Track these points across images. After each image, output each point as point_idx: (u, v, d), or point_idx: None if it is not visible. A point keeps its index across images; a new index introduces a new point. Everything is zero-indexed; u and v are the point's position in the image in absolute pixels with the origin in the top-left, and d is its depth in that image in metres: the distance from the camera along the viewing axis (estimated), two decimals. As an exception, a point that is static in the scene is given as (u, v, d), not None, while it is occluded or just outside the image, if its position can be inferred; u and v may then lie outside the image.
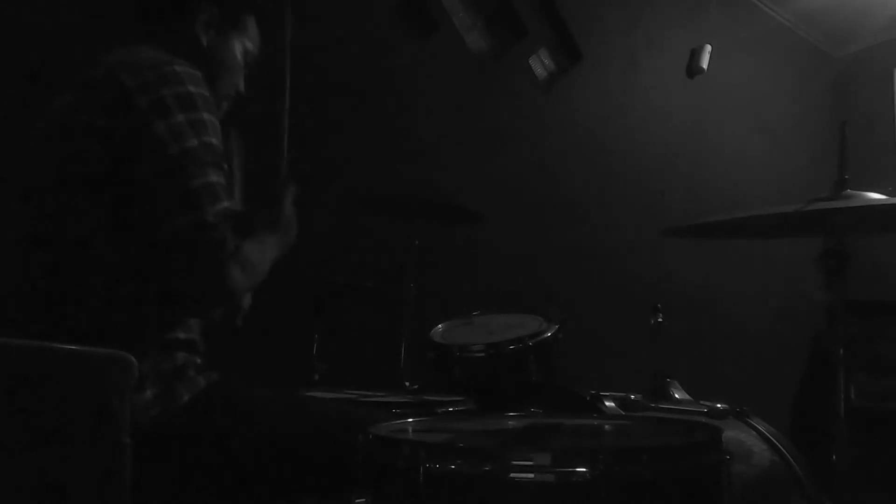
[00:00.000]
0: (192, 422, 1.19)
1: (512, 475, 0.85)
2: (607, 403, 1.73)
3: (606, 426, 1.30)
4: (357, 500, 0.96)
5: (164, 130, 1.15)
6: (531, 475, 0.85)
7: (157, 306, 1.22)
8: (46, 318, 1.17)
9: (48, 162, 1.23)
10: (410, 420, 1.20)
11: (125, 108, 1.16)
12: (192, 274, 1.16)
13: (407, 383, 1.92)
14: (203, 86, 1.23)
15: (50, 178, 1.22)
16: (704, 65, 3.80)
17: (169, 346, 1.23)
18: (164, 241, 1.14)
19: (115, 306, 1.18)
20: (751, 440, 1.61)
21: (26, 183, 1.26)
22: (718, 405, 1.76)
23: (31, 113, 1.32)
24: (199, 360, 1.28)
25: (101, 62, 1.24)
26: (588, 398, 1.74)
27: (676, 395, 1.90)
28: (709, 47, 3.81)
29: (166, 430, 1.17)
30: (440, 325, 2.12)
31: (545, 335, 1.92)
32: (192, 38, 1.37)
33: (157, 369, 1.18)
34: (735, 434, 1.60)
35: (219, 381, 1.28)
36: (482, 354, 1.93)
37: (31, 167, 1.27)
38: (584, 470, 0.84)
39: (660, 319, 1.99)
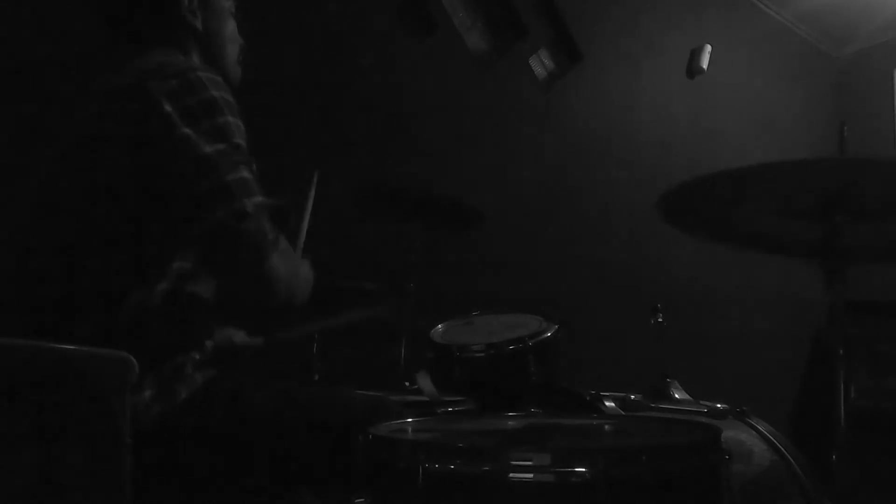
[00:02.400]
0: (189, 419, 1.20)
1: (511, 475, 0.85)
2: (607, 403, 1.73)
3: (606, 426, 1.30)
4: (357, 500, 0.96)
5: (195, 136, 1.17)
6: (531, 475, 0.85)
7: (164, 308, 1.22)
8: (48, 319, 1.17)
9: (75, 170, 1.24)
10: (410, 420, 1.20)
11: (154, 117, 1.17)
12: (234, 263, 1.19)
13: (407, 383, 1.92)
14: (225, 89, 1.24)
15: (76, 185, 1.22)
16: (704, 65, 3.80)
17: (171, 346, 1.23)
18: (204, 236, 1.17)
19: (117, 308, 1.18)
20: (751, 440, 1.61)
21: (47, 188, 1.26)
22: (718, 405, 1.76)
23: (53, 122, 1.32)
24: (197, 357, 1.28)
25: (125, 70, 1.24)
26: (588, 398, 1.75)
27: (676, 395, 1.90)
28: (709, 47, 3.81)
29: (164, 429, 1.17)
30: (440, 325, 2.12)
31: (545, 335, 1.92)
32: (188, 26, 1.37)
33: (155, 369, 1.19)
34: (735, 434, 1.60)
35: (216, 377, 1.28)
36: (482, 354, 1.92)
37: (54, 174, 1.27)
38: (584, 470, 0.84)
39: (660, 319, 1.99)
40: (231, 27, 1.45)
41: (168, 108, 1.17)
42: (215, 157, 1.17)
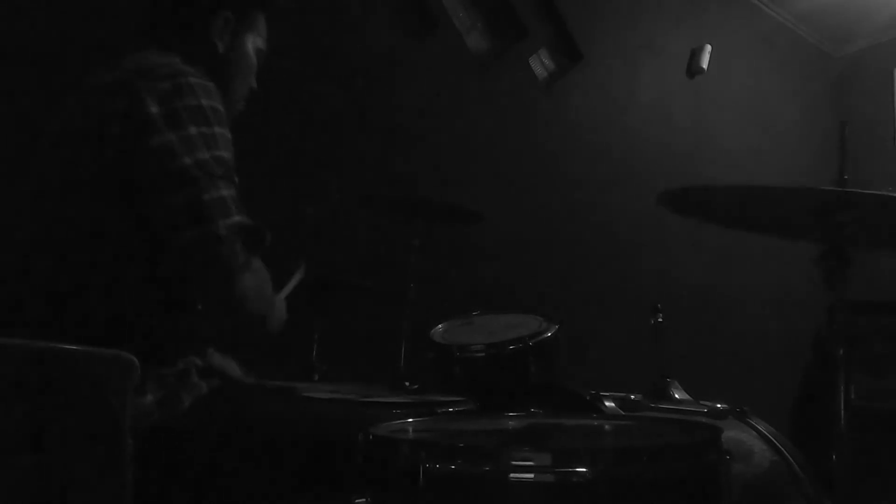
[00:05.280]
0: (192, 426, 1.20)
1: (512, 475, 0.85)
2: (607, 403, 1.73)
3: (606, 426, 1.30)
4: (357, 500, 0.96)
5: (177, 142, 1.15)
6: (531, 475, 0.85)
7: (162, 310, 1.22)
8: (51, 320, 1.17)
9: (61, 165, 1.23)
10: (410, 420, 1.20)
11: (139, 116, 1.16)
12: (203, 284, 1.19)
13: (407, 383, 1.92)
14: (216, 98, 1.23)
15: (61, 181, 1.22)
16: (704, 65, 3.80)
17: (172, 350, 1.22)
18: (175, 253, 1.16)
19: (120, 310, 1.18)
20: (751, 440, 1.61)
21: (37, 185, 1.26)
22: (718, 405, 1.76)
23: (44, 116, 1.32)
24: (199, 363, 1.28)
25: (117, 67, 1.23)
26: (588, 398, 1.74)
27: (676, 395, 1.90)
28: (709, 47, 3.81)
29: (167, 434, 1.17)
30: (440, 325, 2.12)
31: (545, 335, 1.92)
32: (209, 45, 1.36)
33: (159, 374, 1.19)
34: (735, 434, 1.60)
35: (221, 387, 1.28)
36: (482, 354, 1.92)
37: (43, 169, 1.27)
38: (584, 470, 0.84)
39: (660, 319, 1.99)
40: (249, 66, 1.44)
41: (153, 109, 1.16)
42: (195, 170, 1.15)
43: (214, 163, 1.17)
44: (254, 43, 1.44)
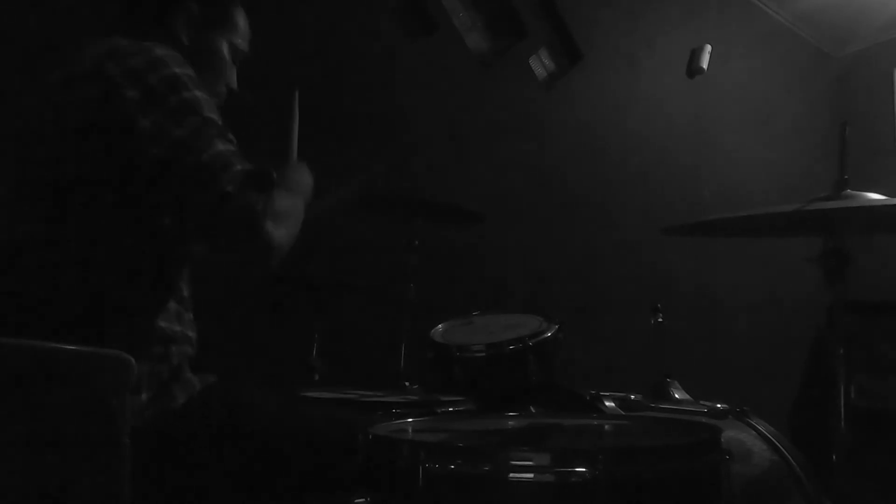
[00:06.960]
0: (186, 423, 1.19)
1: (511, 475, 0.85)
2: (607, 403, 1.73)
3: (606, 426, 1.30)
4: (357, 500, 0.96)
5: (164, 118, 1.14)
6: (531, 475, 0.85)
7: (154, 305, 1.21)
8: (45, 319, 1.17)
9: (45, 161, 1.22)
10: (410, 420, 1.20)
11: (116, 101, 1.14)
12: (230, 243, 1.18)
13: (407, 383, 1.92)
14: (187, 66, 1.21)
15: (47, 177, 1.21)
16: (704, 65, 3.80)
17: (164, 344, 1.22)
18: (191, 221, 1.17)
19: (112, 306, 1.18)
20: (751, 440, 1.61)
21: (23, 182, 1.26)
22: (718, 405, 1.76)
23: (16, 109, 1.31)
24: (191, 351, 1.27)
25: (83, 55, 1.22)
26: (588, 398, 1.75)
27: (676, 395, 1.90)
28: (709, 47, 3.81)
29: (161, 432, 1.16)
30: (440, 325, 2.11)
31: (545, 335, 1.92)
32: (172, 37, 1.35)
33: (152, 371, 1.18)
34: (735, 434, 1.60)
35: (214, 383, 1.28)
36: (482, 354, 1.92)
37: (29, 166, 1.26)
38: (584, 470, 0.84)
39: (660, 319, 1.99)
40: (220, 63, 1.41)
41: (130, 92, 1.14)
42: (188, 137, 1.14)
43: (204, 124, 1.16)
44: (229, 41, 1.42)
